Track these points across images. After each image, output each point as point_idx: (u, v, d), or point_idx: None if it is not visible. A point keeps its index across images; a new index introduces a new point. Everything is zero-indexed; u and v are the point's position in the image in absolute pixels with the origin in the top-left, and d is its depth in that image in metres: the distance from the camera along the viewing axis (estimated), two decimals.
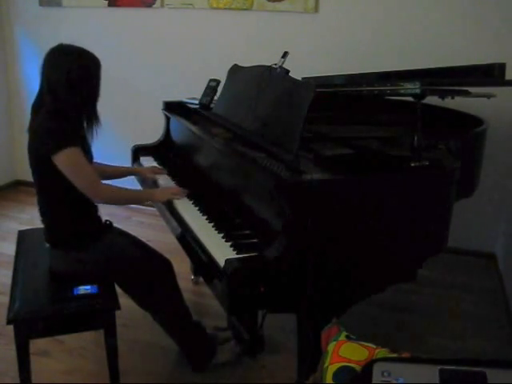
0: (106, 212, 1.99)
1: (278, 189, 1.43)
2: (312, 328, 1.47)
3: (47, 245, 1.83)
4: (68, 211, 1.78)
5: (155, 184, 2.20)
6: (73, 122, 1.71)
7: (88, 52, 1.75)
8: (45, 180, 1.76)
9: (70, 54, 1.71)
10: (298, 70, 1.99)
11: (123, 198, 1.95)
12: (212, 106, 2.39)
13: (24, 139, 1.78)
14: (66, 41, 1.76)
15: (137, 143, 2.60)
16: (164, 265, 1.95)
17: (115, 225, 1.99)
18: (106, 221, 1.92)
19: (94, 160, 1.91)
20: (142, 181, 2.34)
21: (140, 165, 2.48)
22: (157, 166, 2.33)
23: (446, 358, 0.97)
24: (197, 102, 2.51)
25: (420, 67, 2.16)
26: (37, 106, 1.76)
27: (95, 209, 1.86)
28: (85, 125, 1.78)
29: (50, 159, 1.65)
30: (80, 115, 1.75)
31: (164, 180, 2.21)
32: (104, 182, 1.81)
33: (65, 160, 1.65)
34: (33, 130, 1.73)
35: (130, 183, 2.16)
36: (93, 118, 1.78)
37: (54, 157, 1.64)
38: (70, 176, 1.68)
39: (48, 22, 3.74)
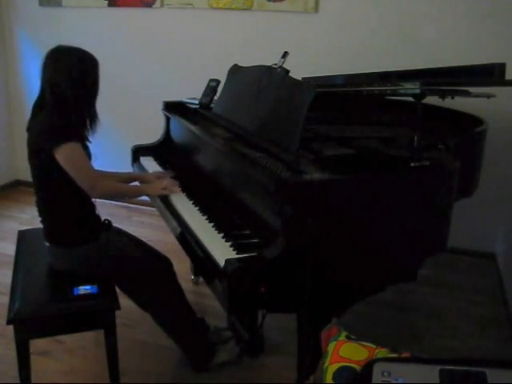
0: (106, 212, 1.99)
1: (278, 189, 1.43)
2: (312, 328, 1.47)
3: (47, 244, 1.84)
4: (66, 208, 1.79)
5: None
6: (74, 119, 1.73)
7: (86, 52, 1.78)
8: (43, 177, 1.77)
9: (70, 55, 1.74)
10: (298, 70, 1.99)
11: (119, 193, 2.11)
12: (212, 105, 2.39)
13: (24, 139, 1.79)
14: (66, 41, 1.77)
15: (137, 143, 2.60)
16: (163, 264, 1.97)
17: (115, 225, 2.00)
18: (105, 220, 1.93)
19: (98, 168, 1.91)
20: None
21: (140, 165, 2.48)
22: (160, 170, 2.32)
23: (446, 358, 0.97)
24: (197, 102, 2.51)
25: (420, 67, 2.15)
26: (38, 106, 1.79)
27: (93, 207, 1.87)
28: (88, 124, 1.80)
29: (51, 155, 1.67)
30: (82, 114, 1.77)
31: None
32: None
33: (66, 155, 1.68)
34: (34, 127, 1.76)
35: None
36: (93, 116, 1.81)
37: (56, 151, 1.67)
38: (70, 171, 1.70)
39: (48, 21, 3.74)
